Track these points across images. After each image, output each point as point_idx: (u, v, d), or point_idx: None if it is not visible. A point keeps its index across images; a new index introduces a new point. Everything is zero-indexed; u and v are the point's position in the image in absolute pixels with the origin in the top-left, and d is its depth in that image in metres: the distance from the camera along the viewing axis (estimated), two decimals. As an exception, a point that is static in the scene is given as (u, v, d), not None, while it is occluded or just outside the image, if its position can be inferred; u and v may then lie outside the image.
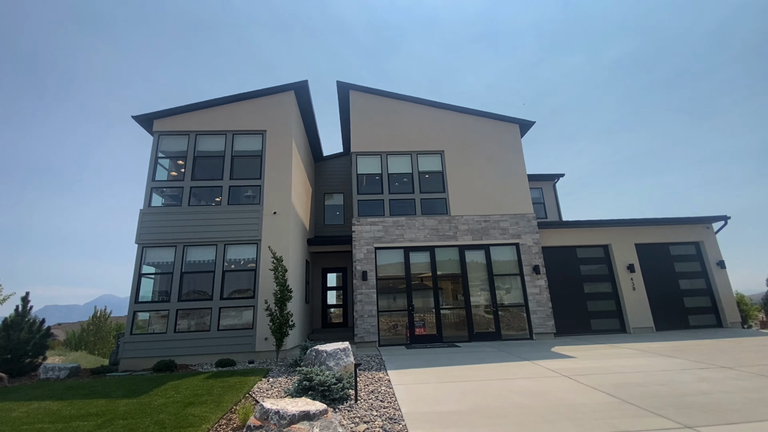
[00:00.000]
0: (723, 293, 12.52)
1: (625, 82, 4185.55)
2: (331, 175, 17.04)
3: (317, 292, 15.42)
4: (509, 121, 13.50)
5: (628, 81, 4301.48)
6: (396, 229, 12.10)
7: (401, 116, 13.32)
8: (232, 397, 5.88)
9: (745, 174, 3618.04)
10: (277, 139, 11.44)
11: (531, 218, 12.50)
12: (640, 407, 4.62)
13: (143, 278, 10.26)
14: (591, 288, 12.65)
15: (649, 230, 13.12)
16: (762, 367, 6.39)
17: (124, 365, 9.41)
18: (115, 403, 5.93)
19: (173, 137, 11.43)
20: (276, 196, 10.92)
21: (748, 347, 8.42)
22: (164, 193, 11.42)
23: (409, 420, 4.49)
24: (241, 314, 10.08)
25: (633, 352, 8.37)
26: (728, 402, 4.68)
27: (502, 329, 11.56)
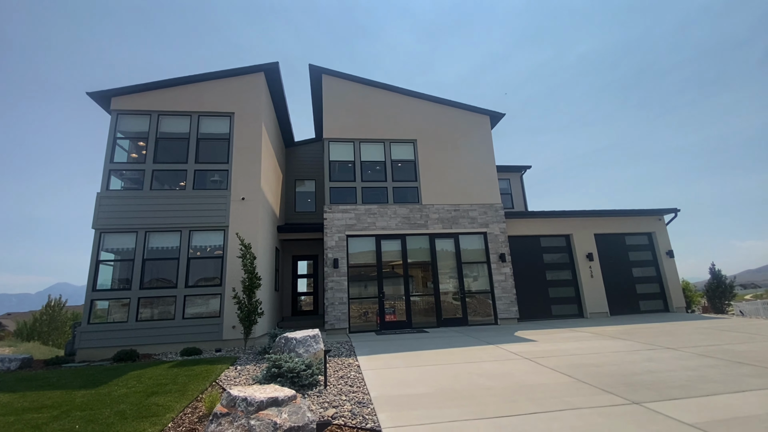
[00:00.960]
0: (671, 280, 13.47)
1: (590, 79, 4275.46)
2: (302, 161, 16.74)
3: (287, 280, 15.26)
4: (480, 112, 13.71)
5: (593, 78, 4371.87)
6: (368, 217, 12.11)
7: (375, 103, 13.22)
8: (198, 386, 5.77)
9: (694, 170, 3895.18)
10: (246, 123, 11.07)
11: (499, 208, 12.86)
12: (593, 386, 4.94)
13: (102, 265, 9.77)
14: (553, 275, 13.25)
15: (607, 221, 13.84)
16: (702, 348, 6.97)
17: (82, 356, 8.99)
18: (72, 395, 5.68)
19: (133, 116, 10.80)
20: (244, 182, 10.62)
21: (691, 330, 9.15)
22: (124, 176, 10.84)
23: (377, 403, 4.59)
24: (208, 302, 9.83)
25: (589, 336, 8.89)
26: (672, 379, 5.09)
27: (469, 315, 11.93)
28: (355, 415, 4.25)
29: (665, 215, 14.15)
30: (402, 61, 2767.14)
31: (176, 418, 4.49)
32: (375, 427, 3.92)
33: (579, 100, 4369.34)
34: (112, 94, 10.62)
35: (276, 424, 3.41)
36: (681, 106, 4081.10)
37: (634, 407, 4.14)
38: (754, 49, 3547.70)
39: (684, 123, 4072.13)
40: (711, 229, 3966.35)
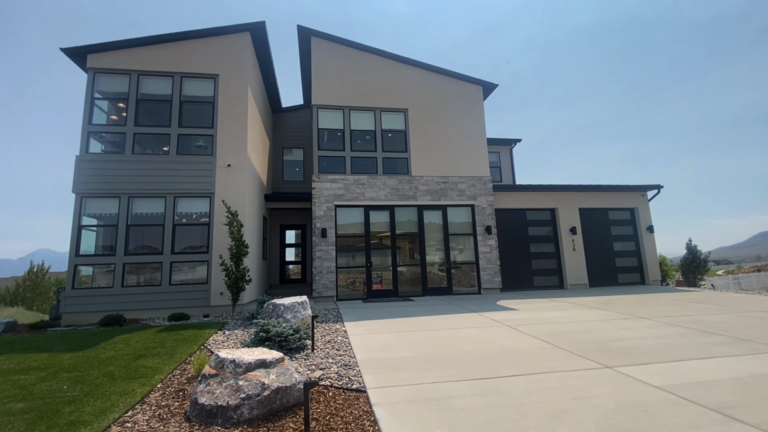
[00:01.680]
0: (649, 255, 13.94)
1: (584, 53, 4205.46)
2: (290, 128, 16.35)
3: (275, 249, 15.27)
4: (473, 82, 13.47)
5: (586, 52, 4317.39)
6: (357, 187, 12.04)
7: (366, 70, 12.83)
8: (187, 349, 5.85)
9: (679, 149, 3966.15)
10: (232, 85, 10.66)
11: (487, 181, 12.91)
12: (569, 351, 5.18)
13: (85, 231, 9.58)
14: (536, 248, 13.56)
15: (592, 196, 14.06)
16: (673, 318, 7.32)
17: (67, 320, 8.98)
18: (59, 357, 5.71)
19: (112, 76, 10.29)
20: (230, 148, 10.36)
21: (664, 301, 9.57)
22: (104, 139, 10.45)
23: (363, 366, 4.74)
24: (195, 269, 9.81)
25: (568, 305, 9.23)
26: (643, 346, 5.36)
27: (454, 285, 12.22)
28: (342, 377, 4.39)
29: (648, 191, 14.44)
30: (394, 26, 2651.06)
31: (165, 379, 4.57)
32: (360, 387, 4.07)
33: (571, 74, 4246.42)
34: (87, 51, 10.04)
35: (264, 384, 3.50)
36: (672, 85, 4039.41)
37: (606, 371, 4.37)
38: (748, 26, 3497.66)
39: (673, 102, 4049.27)
40: (690, 207, 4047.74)
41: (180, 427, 3.33)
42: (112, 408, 3.74)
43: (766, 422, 3.05)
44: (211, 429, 3.25)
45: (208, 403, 3.40)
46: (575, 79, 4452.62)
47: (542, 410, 3.38)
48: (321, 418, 3.42)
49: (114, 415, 3.57)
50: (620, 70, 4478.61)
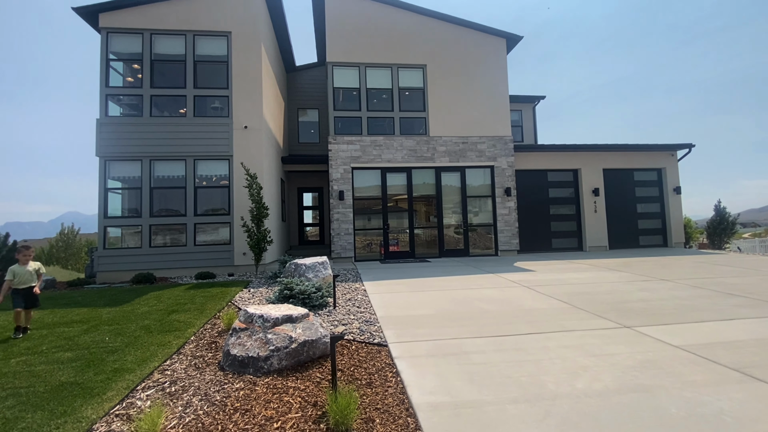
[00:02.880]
0: (674, 217, 13.56)
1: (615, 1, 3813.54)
2: (304, 88, 16.00)
3: (293, 211, 15.50)
4: (496, 34, 12.72)
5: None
6: (374, 148, 11.89)
7: (383, 23, 12.23)
8: (215, 305, 6.16)
9: (712, 105, 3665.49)
10: (245, 43, 10.38)
11: (508, 141, 12.54)
12: (587, 311, 5.22)
13: (111, 194, 9.89)
14: (556, 210, 13.35)
15: (617, 156, 13.54)
16: (695, 280, 7.23)
17: (102, 278, 9.50)
18: (98, 311, 6.11)
19: (125, 36, 10.13)
20: (246, 109, 10.27)
21: (687, 264, 9.43)
22: (122, 102, 10.49)
23: (383, 322, 4.91)
24: (218, 231, 10.10)
25: (586, 267, 9.20)
26: (663, 307, 5.35)
27: (471, 247, 12.27)
28: (363, 332, 4.57)
29: (678, 150, 13.80)
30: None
31: (197, 333, 4.85)
32: (382, 342, 4.24)
33: (600, 23, 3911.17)
34: (98, 9, 9.83)
35: (291, 338, 3.68)
36: (709, 33, 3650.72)
37: (624, 330, 4.41)
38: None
39: (708, 53, 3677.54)
40: (720, 167, 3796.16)
41: (215, 375, 3.57)
42: (152, 357, 4.02)
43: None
44: (244, 377, 3.47)
45: (239, 354, 3.61)
46: (605, 29, 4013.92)
47: (560, 366, 3.47)
48: (346, 369, 3.60)
49: (154, 364, 3.85)
50: (656, 18, 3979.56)
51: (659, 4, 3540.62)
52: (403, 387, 3.18)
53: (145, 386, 3.39)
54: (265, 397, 3.11)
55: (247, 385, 3.32)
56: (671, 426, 2.52)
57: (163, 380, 3.50)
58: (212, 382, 3.41)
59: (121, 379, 3.50)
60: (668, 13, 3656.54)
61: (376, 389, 3.19)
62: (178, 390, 3.29)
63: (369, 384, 3.28)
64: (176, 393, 3.24)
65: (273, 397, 3.11)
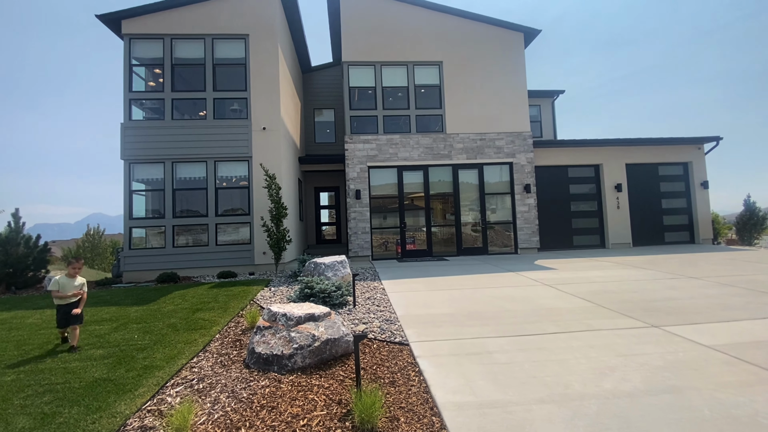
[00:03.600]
0: (701, 212, 13.09)
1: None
2: (320, 88, 16.11)
3: (310, 211, 15.65)
4: (513, 29, 12.51)
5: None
6: (390, 147, 11.89)
7: (397, 21, 12.19)
8: (238, 304, 6.28)
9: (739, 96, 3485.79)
10: (262, 45, 10.52)
11: (527, 137, 12.33)
12: (612, 310, 5.10)
13: (135, 195, 10.19)
14: (577, 206, 13.06)
15: (640, 150, 13.15)
16: (725, 278, 6.97)
17: (128, 277, 9.81)
18: (126, 310, 6.31)
19: (146, 41, 10.40)
20: (264, 110, 10.41)
21: (716, 261, 9.09)
22: (144, 106, 10.79)
23: (403, 321, 4.92)
24: (238, 230, 10.29)
25: (610, 265, 8.98)
26: (692, 306, 5.18)
27: (489, 245, 12.14)
28: (384, 331, 4.58)
29: (705, 144, 13.30)
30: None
31: (222, 331, 4.96)
32: (403, 341, 4.24)
33: (621, 13, 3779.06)
34: (121, 16, 10.13)
35: (314, 336, 3.72)
36: (733, 23, 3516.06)
37: (652, 329, 4.29)
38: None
39: (734, 43, 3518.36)
40: (748, 160, 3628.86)
41: (241, 372, 3.64)
42: (179, 355, 4.13)
43: (830, 384, 2.93)
44: (269, 375, 3.53)
45: (264, 352, 3.67)
46: (625, 18, 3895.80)
47: (586, 366, 3.40)
48: (368, 367, 3.62)
49: (182, 361, 3.95)
50: (678, 5, 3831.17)
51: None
52: (427, 386, 3.18)
53: (174, 383, 3.48)
54: (290, 394, 3.16)
55: (272, 382, 3.38)
56: (705, 428, 2.44)
57: (191, 377, 3.59)
58: (238, 380, 3.48)
59: (151, 376, 3.61)
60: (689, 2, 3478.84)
61: (400, 388, 3.19)
62: (206, 387, 3.37)
63: (392, 383, 3.29)
64: (204, 390, 3.32)
65: (298, 394, 3.15)
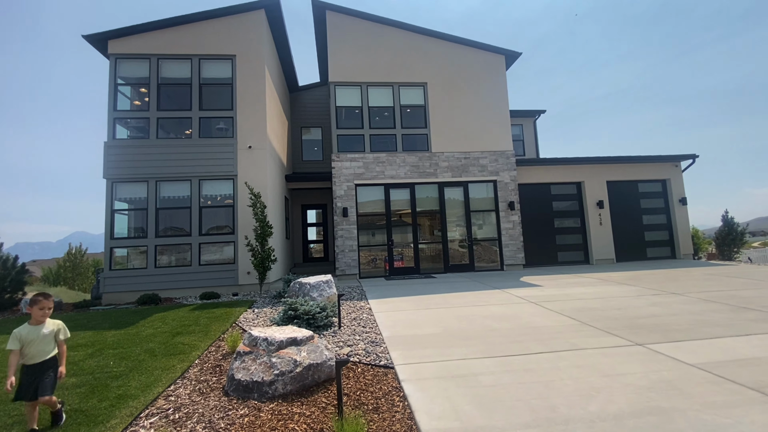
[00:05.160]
0: (681, 228, 13.42)
1: (609, 14, 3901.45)
2: (307, 107, 16.25)
3: (297, 228, 15.53)
4: (495, 51, 12.91)
5: (612, 13, 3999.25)
6: (377, 165, 11.96)
7: (383, 43, 12.48)
8: (220, 327, 6.11)
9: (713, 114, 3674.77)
10: (249, 65, 10.60)
11: (510, 155, 12.57)
12: (597, 328, 5.11)
13: (117, 214, 9.97)
14: (561, 223, 13.26)
15: (620, 168, 13.51)
16: (707, 293, 7.09)
17: (107, 299, 9.49)
18: (103, 334, 6.07)
19: (133, 61, 10.39)
20: (250, 129, 10.41)
21: (697, 276, 9.27)
22: (129, 125, 10.68)
23: (389, 342, 4.84)
24: (222, 250, 10.11)
25: (594, 281, 9.07)
26: (675, 323, 5.23)
27: (476, 261, 12.17)
28: (369, 353, 4.49)
29: (682, 161, 13.75)
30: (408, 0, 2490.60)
31: (202, 356, 4.80)
32: (388, 363, 4.16)
33: (597, 37, 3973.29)
34: (108, 37, 10.13)
35: (296, 362, 3.62)
36: (705, 45, 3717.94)
37: (637, 348, 4.31)
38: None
39: (706, 64, 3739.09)
40: (724, 176, 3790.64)
41: (219, 400, 3.50)
42: (156, 383, 3.97)
43: (809, 401, 2.96)
44: (248, 403, 3.41)
45: (244, 378, 3.55)
46: (600, 43, 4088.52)
47: (572, 387, 3.37)
48: (352, 393, 3.53)
49: (158, 389, 3.79)
50: (650, 30, 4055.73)
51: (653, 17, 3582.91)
52: (411, 412, 3.10)
53: (149, 413, 3.33)
54: (269, 424, 3.04)
55: (252, 411, 3.26)
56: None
57: (167, 407, 3.44)
58: (216, 408, 3.35)
59: (125, 406, 3.45)
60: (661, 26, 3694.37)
61: (383, 414, 3.11)
62: (182, 417, 3.23)
63: (376, 409, 3.21)
64: (180, 420, 3.18)
65: (278, 423, 3.04)
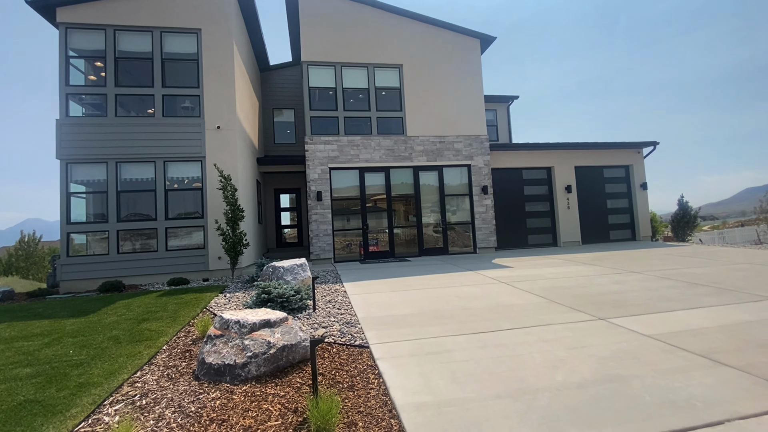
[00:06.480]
0: (641, 211, 14.12)
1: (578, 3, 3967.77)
2: (279, 88, 15.73)
3: (270, 213, 15.21)
4: (470, 35, 12.88)
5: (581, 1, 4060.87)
6: (351, 148, 11.80)
7: (358, 21, 12.14)
8: (189, 312, 5.93)
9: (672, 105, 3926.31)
10: (216, 41, 10.07)
11: (484, 140, 12.71)
12: (563, 305, 5.34)
13: (74, 198, 9.39)
14: (531, 207, 13.65)
15: (587, 154, 13.98)
16: (663, 271, 7.53)
17: (66, 287, 9.00)
18: (62, 323, 5.77)
19: (86, 32, 9.63)
20: (218, 108, 9.97)
21: (655, 256, 9.82)
22: (84, 101, 9.98)
23: (364, 323, 4.86)
24: (191, 234, 9.77)
25: (561, 262, 9.44)
26: (634, 299, 5.54)
27: (449, 245, 12.37)
28: (344, 334, 4.50)
29: (644, 148, 14.38)
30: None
31: (170, 342, 4.65)
32: (363, 343, 4.18)
33: (568, 25, 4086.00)
34: (56, 4, 9.30)
35: (270, 343, 3.57)
36: (666, 38, 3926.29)
37: (600, 322, 4.53)
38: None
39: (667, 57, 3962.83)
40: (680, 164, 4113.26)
41: (189, 385, 3.42)
42: (121, 370, 3.81)
43: (749, 365, 3.21)
44: (220, 386, 3.34)
45: (215, 362, 3.47)
46: (572, 31, 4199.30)
47: (540, 360, 3.51)
48: (327, 372, 3.53)
49: (123, 376, 3.65)
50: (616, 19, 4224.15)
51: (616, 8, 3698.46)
52: (386, 388, 3.14)
53: (114, 400, 3.21)
54: (243, 405, 3.00)
55: (224, 394, 3.20)
56: (645, 413, 2.58)
57: (133, 393, 3.32)
58: (186, 393, 3.26)
59: (87, 394, 3.30)
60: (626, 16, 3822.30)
61: (359, 392, 3.13)
62: (150, 403, 3.13)
63: (351, 387, 3.22)
64: (147, 406, 3.08)
65: (251, 405, 3.00)
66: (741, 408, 2.58)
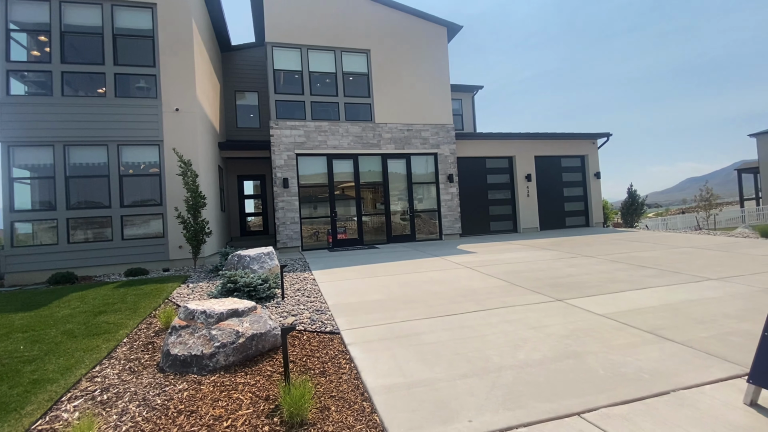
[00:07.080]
0: (594, 199, 14.98)
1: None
2: (242, 69, 15.08)
3: (233, 200, 14.74)
4: (438, 22, 12.90)
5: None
6: (319, 134, 11.61)
7: (325, 3, 11.80)
8: (150, 303, 5.71)
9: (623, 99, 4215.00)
10: (173, 16, 9.47)
11: (450, 129, 12.91)
12: (524, 288, 5.63)
13: (17, 184, 8.65)
14: (493, 195, 14.11)
15: (547, 143, 14.57)
16: (613, 255, 8.09)
17: (11, 280, 8.36)
18: (9, 317, 5.38)
19: (29, 3, 8.74)
20: (176, 89, 9.44)
21: (606, 241, 10.50)
22: (27, 79, 9.14)
23: (334, 310, 4.90)
24: (149, 223, 9.31)
25: (521, 247, 9.88)
26: (588, 281, 5.93)
27: (417, 232, 12.59)
28: (314, 321, 4.52)
29: (598, 139, 15.17)
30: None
31: (131, 334, 4.47)
32: (334, 329, 4.22)
33: (530, 18, 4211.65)
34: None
35: (238, 332, 3.53)
36: (619, 34, 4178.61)
37: (558, 303, 4.83)
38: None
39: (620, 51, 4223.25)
40: (628, 154, 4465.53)
41: (154, 377, 3.33)
42: (78, 364, 3.64)
43: (691, 339, 3.56)
44: (187, 377, 3.28)
45: (181, 353, 3.39)
46: (533, 24, 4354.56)
47: (503, 340, 3.71)
48: (298, 360, 3.54)
49: (81, 371, 3.49)
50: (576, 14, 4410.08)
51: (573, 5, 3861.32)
52: (358, 372, 3.21)
53: (72, 396, 3.07)
54: (212, 396, 2.97)
55: (192, 385, 3.14)
56: (599, 386, 2.82)
57: (93, 388, 3.19)
58: (151, 386, 3.17)
59: (43, 391, 3.13)
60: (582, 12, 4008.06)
61: (331, 377, 3.18)
62: (112, 397, 3.03)
63: (323, 373, 3.27)
64: (109, 401, 2.97)
65: (221, 395, 2.98)
66: (684, 379, 2.87)
